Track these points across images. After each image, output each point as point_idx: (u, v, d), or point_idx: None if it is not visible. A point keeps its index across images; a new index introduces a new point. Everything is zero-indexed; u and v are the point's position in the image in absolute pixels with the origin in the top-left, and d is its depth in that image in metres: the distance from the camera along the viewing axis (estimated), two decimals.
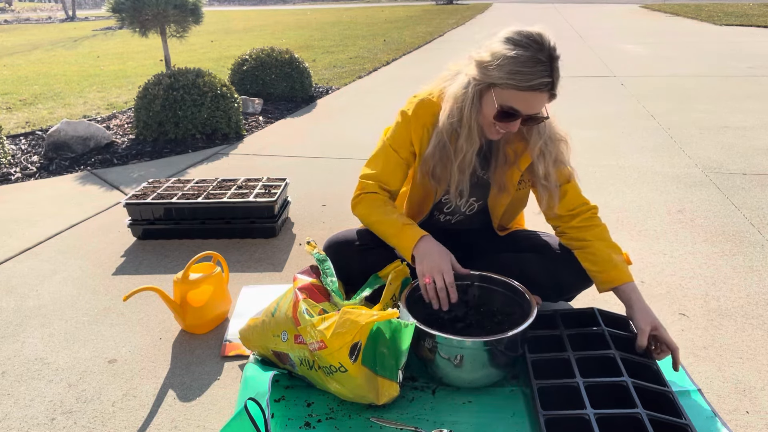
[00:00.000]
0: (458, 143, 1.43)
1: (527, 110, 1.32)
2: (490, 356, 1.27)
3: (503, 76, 1.28)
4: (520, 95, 1.29)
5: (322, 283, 1.43)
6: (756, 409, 1.29)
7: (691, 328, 1.60)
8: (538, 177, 1.48)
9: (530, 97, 1.29)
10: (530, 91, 1.27)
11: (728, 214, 2.37)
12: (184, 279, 1.60)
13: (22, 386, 1.44)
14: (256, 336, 1.42)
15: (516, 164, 1.49)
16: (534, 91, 1.27)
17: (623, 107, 4.44)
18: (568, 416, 1.17)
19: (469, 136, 1.41)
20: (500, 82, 1.30)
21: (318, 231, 2.33)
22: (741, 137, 3.49)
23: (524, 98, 1.29)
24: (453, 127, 1.42)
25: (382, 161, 1.56)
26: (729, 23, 11.06)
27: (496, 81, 1.31)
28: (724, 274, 1.89)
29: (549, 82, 1.27)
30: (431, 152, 1.47)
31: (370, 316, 1.21)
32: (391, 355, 1.26)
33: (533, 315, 1.30)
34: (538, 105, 1.32)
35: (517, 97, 1.30)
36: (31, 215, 2.57)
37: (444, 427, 1.22)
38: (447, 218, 1.67)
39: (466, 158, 1.43)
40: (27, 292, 1.91)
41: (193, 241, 2.26)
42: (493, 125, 1.38)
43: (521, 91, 1.28)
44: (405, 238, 1.44)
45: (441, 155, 1.46)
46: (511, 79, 1.27)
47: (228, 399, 1.37)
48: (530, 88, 1.27)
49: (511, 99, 1.31)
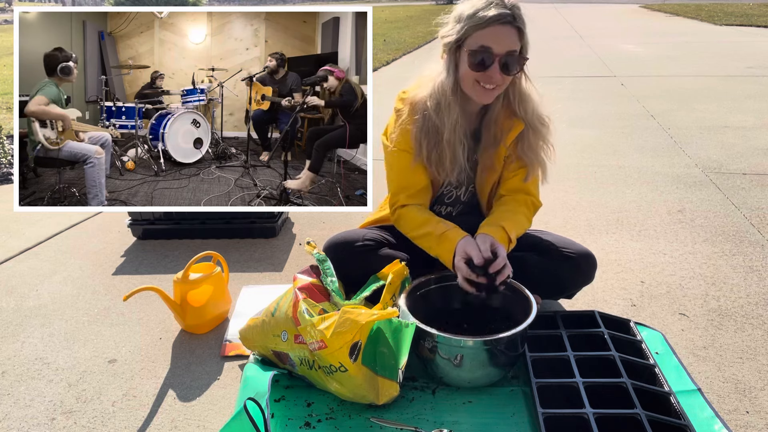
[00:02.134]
0: (439, 116, 1.44)
1: (497, 47, 1.33)
2: (490, 356, 1.27)
3: (464, 26, 1.34)
4: (484, 33, 1.32)
5: (322, 283, 1.43)
6: (756, 409, 1.29)
7: (691, 328, 1.60)
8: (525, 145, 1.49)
9: (494, 31, 1.32)
10: (492, 24, 1.31)
11: (728, 214, 2.37)
12: (184, 279, 1.60)
13: (22, 386, 1.44)
14: (256, 336, 1.42)
15: (502, 142, 1.50)
16: (495, 23, 1.31)
17: (623, 107, 4.44)
18: (567, 415, 1.17)
19: (447, 107, 1.42)
20: (463, 32, 1.35)
21: (318, 231, 2.33)
22: (741, 137, 3.49)
23: (489, 34, 1.32)
24: (434, 102, 1.43)
25: (397, 166, 1.55)
26: (729, 23, 11.06)
27: (460, 35, 1.35)
28: (724, 274, 1.89)
29: (508, 14, 1.31)
30: (417, 133, 1.47)
31: (370, 316, 1.21)
32: (391, 355, 1.26)
33: (533, 314, 1.30)
34: (506, 40, 1.33)
35: (483, 36, 1.33)
36: (31, 215, 2.57)
37: (444, 427, 1.22)
38: (449, 210, 1.67)
39: (447, 130, 1.43)
40: (27, 292, 1.91)
41: (193, 241, 2.26)
42: (475, 83, 1.38)
43: (483, 29, 1.32)
44: (443, 250, 1.42)
45: (428, 134, 1.46)
46: (470, 24, 1.33)
47: (228, 399, 1.37)
48: (490, 21, 1.31)
49: (478, 41, 1.34)
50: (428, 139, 1.47)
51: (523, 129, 1.48)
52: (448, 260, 1.41)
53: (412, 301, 1.40)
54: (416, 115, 1.48)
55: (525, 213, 1.53)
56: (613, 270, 1.93)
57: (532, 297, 1.37)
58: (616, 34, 10.24)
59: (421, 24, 13.62)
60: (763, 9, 13.68)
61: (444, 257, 1.42)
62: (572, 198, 2.61)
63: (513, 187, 1.55)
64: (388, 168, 1.59)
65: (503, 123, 1.49)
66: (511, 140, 1.50)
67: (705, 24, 11.42)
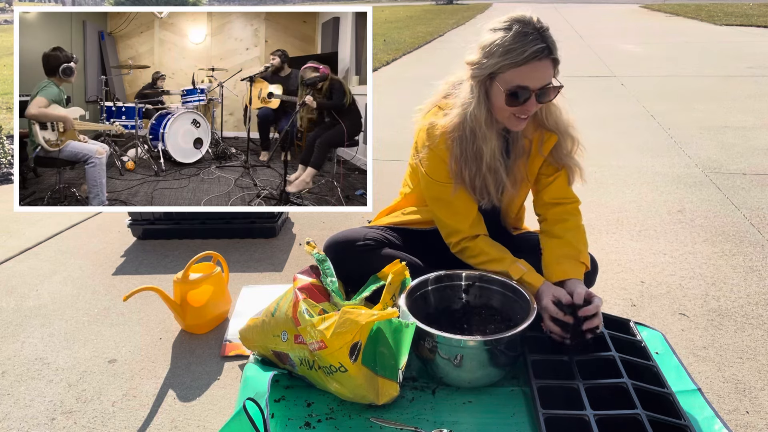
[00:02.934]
0: (476, 145, 1.42)
1: (534, 83, 1.31)
2: (490, 356, 1.27)
3: (498, 61, 1.30)
4: (522, 71, 1.29)
5: (322, 283, 1.42)
6: (756, 409, 1.29)
7: (691, 328, 1.60)
8: (562, 153, 1.50)
9: (532, 68, 1.29)
10: (529, 62, 1.28)
11: (728, 214, 2.37)
12: (184, 279, 1.60)
13: (22, 386, 1.44)
14: (256, 336, 1.42)
15: (538, 150, 1.50)
16: (532, 60, 1.28)
17: (623, 107, 4.44)
18: (567, 417, 1.17)
19: (483, 136, 1.40)
20: (498, 68, 1.31)
21: (318, 231, 2.33)
22: (741, 137, 3.49)
23: (527, 72, 1.29)
24: (469, 132, 1.41)
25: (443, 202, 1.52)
26: (729, 23, 11.06)
27: (494, 70, 1.32)
28: (724, 274, 1.89)
29: (544, 47, 1.27)
30: (455, 164, 1.46)
31: (370, 316, 1.21)
32: (391, 355, 1.26)
33: (533, 315, 1.30)
34: (543, 75, 1.31)
35: (520, 74, 1.30)
36: (31, 215, 2.57)
37: (444, 427, 1.22)
38: None
39: (487, 157, 1.42)
40: (27, 292, 1.91)
41: (193, 241, 2.26)
42: (511, 115, 1.37)
43: (521, 66, 1.29)
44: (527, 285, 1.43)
45: (467, 162, 1.45)
46: (506, 60, 1.29)
47: (228, 399, 1.37)
48: (527, 59, 1.27)
49: (515, 79, 1.31)
50: (468, 168, 1.45)
51: (558, 139, 1.49)
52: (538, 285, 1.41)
53: (411, 301, 1.40)
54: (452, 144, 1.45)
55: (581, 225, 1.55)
56: (613, 270, 1.93)
57: (532, 298, 1.38)
58: (616, 34, 10.24)
59: (421, 24, 13.62)
60: (763, 9, 13.68)
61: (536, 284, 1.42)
62: None
63: (558, 195, 1.55)
64: (433, 202, 1.55)
65: (532, 135, 1.50)
66: (549, 149, 1.50)
67: (705, 24, 11.42)
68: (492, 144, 1.41)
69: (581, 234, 1.52)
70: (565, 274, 1.43)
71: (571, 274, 1.42)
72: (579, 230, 1.52)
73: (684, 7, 15.83)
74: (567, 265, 1.44)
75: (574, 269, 1.43)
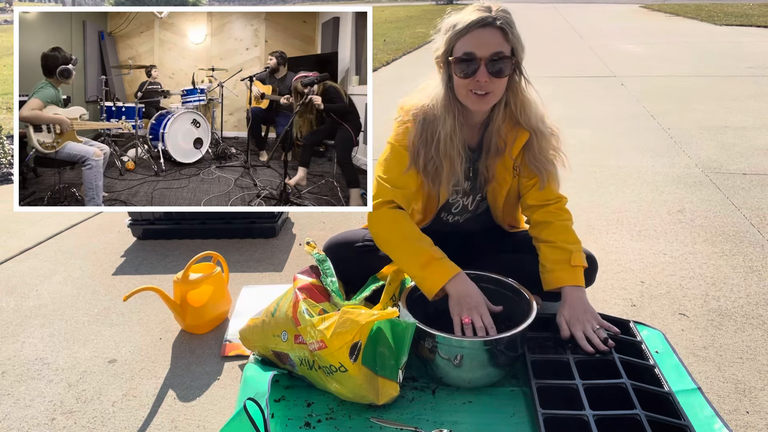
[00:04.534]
0: (434, 127, 1.43)
1: (480, 51, 1.32)
2: (490, 356, 1.27)
3: (448, 37, 1.36)
4: (467, 39, 1.33)
5: (322, 283, 1.42)
6: (756, 409, 1.29)
7: (691, 328, 1.60)
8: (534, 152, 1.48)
9: (476, 35, 1.32)
10: (471, 30, 1.32)
11: (728, 214, 2.37)
12: (184, 279, 1.60)
13: (22, 386, 1.44)
14: (256, 336, 1.42)
15: (508, 152, 1.50)
16: (476, 27, 1.32)
17: (623, 107, 4.44)
18: (567, 417, 1.17)
19: (442, 118, 1.42)
20: (449, 45, 1.36)
21: (318, 231, 2.33)
22: (741, 137, 3.48)
23: (471, 40, 1.33)
24: (429, 113, 1.44)
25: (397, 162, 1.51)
26: (729, 23, 11.06)
27: (447, 47, 1.37)
28: (724, 274, 1.89)
29: (488, 16, 1.31)
30: (415, 142, 1.46)
31: (370, 316, 1.21)
32: (391, 355, 1.26)
33: (533, 315, 1.30)
34: (489, 41, 1.33)
35: (465, 42, 1.34)
36: (31, 215, 2.57)
37: (444, 427, 1.22)
38: (456, 218, 1.67)
39: (442, 141, 1.42)
40: (27, 292, 1.91)
41: (193, 241, 2.26)
42: (468, 92, 1.38)
43: (465, 36, 1.33)
44: (437, 272, 1.39)
45: (426, 144, 1.45)
46: (453, 34, 1.34)
47: (228, 399, 1.37)
48: (469, 27, 1.32)
49: (462, 47, 1.34)
50: (425, 150, 1.46)
51: (529, 137, 1.47)
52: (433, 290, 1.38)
53: (411, 301, 1.40)
54: (415, 124, 1.46)
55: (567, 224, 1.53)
56: (613, 270, 1.93)
57: (532, 298, 1.38)
58: (616, 34, 10.23)
59: (421, 24, 13.61)
60: (763, 9, 13.68)
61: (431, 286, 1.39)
62: (572, 198, 2.58)
63: (539, 197, 1.55)
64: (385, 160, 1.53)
65: (507, 133, 1.49)
66: (518, 149, 1.49)
67: (705, 24, 11.41)
68: (448, 127, 1.42)
69: (569, 234, 1.51)
70: (559, 282, 1.43)
71: (566, 281, 1.43)
72: (566, 231, 1.51)
73: (684, 7, 15.82)
74: (560, 272, 1.44)
75: (568, 275, 1.43)
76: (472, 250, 1.64)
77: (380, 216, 1.48)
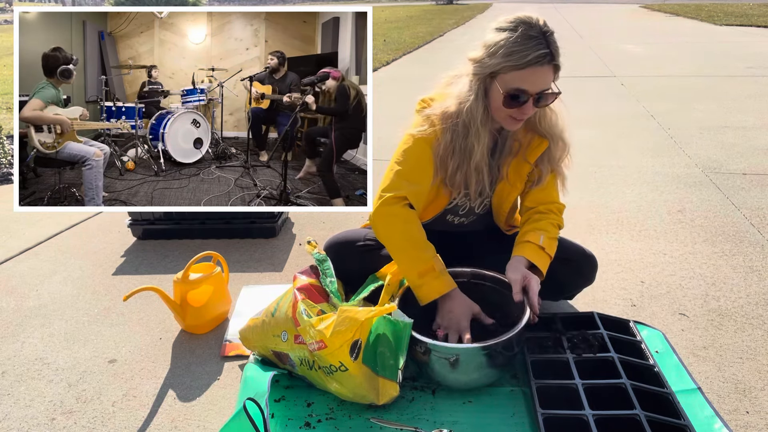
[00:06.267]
0: (468, 141, 1.41)
1: (533, 88, 1.30)
2: (486, 359, 1.26)
3: (500, 62, 1.29)
4: (522, 74, 1.28)
5: (321, 283, 1.42)
6: (756, 409, 1.29)
7: (691, 328, 1.60)
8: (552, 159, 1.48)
9: (532, 73, 1.28)
10: (530, 66, 1.27)
11: (728, 214, 2.37)
12: (184, 279, 1.60)
13: (22, 386, 1.44)
14: (256, 336, 1.42)
15: (524, 157, 1.49)
16: (534, 65, 1.27)
17: (623, 107, 4.44)
18: (566, 417, 1.17)
19: (476, 133, 1.39)
20: (499, 68, 1.30)
21: (318, 231, 2.33)
22: (741, 137, 3.48)
23: (527, 76, 1.28)
24: (462, 126, 1.40)
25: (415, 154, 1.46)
26: (729, 23, 11.06)
27: (495, 69, 1.31)
28: (724, 274, 1.89)
29: (546, 53, 1.26)
30: (443, 152, 1.44)
31: (369, 312, 1.21)
32: (391, 355, 1.26)
33: (526, 317, 1.30)
34: (543, 80, 1.30)
35: (520, 77, 1.29)
36: (31, 215, 2.57)
37: (444, 427, 1.22)
38: (461, 220, 1.66)
39: (477, 156, 1.41)
40: (27, 292, 1.91)
41: (193, 241, 2.26)
42: (508, 115, 1.36)
43: (522, 70, 1.28)
44: (433, 284, 1.38)
45: (454, 154, 1.44)
46: (508, 62, 1.28)
47: (228, 399, 1.37)
48: (529, 63, 1.26)
49: (514, 81, 1.30)
50: (454, 160, 1.44)
51: (548, 145, 1.47)
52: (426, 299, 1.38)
53: (405, 302, 1.40)
54: (445, 130, 1.43)
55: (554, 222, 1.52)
56: (613, 270, 1.93)
57: None
58: (616, 34, 10.23)
59: (421, 24, 13.62)
60: (763, 9, 13.68)
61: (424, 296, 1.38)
62: (572, 198, 2.60)
63: (539, 199, 1.54)
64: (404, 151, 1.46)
65: (522, 137, 1.49)
66: (537, 156, 1.49)
67: (705, 24, 11.41)
68: (483, 143, 1.40)
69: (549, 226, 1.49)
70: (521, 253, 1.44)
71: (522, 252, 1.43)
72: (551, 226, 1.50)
73: (684, 7, 15.83)
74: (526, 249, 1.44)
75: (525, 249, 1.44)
76: (472, 249, 1.64)
77: (392, 212, 1.43)
